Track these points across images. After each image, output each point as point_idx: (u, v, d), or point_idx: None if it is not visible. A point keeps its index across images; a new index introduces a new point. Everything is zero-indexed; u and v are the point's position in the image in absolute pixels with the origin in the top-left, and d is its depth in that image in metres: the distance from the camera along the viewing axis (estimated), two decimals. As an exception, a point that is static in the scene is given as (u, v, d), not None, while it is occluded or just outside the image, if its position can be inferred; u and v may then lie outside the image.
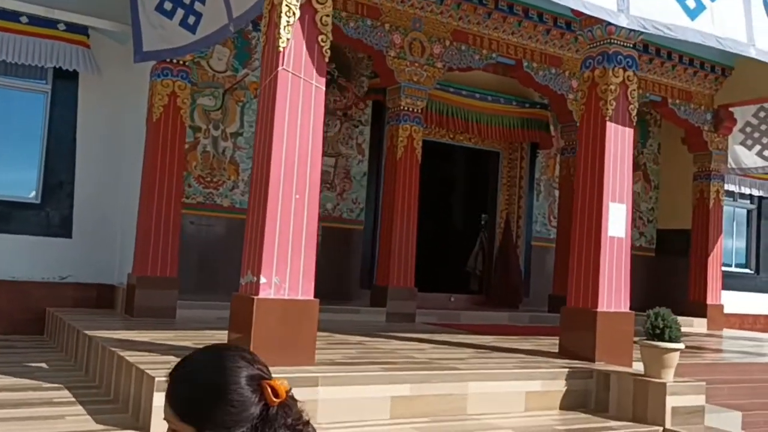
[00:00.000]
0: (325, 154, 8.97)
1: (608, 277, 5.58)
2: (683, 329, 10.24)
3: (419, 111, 8.50)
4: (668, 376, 4.71)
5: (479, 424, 4.30)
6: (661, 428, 4.56)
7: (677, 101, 10.61)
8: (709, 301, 10.86)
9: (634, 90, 5.77)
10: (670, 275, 11.77)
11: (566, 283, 5.93)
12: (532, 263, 10.61)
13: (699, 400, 4.74)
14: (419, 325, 7.98)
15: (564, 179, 9.95)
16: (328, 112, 9.08)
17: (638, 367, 5.07)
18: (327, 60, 4.48)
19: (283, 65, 4.31)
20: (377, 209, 9.08)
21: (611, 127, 5.65)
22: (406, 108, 8.40)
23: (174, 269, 6.90)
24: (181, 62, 7.04)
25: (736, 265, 13.21)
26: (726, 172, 11.67)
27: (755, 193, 12.94)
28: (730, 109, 11.01)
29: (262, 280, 4.20)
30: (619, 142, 5.70)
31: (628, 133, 5.76)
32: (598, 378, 5.05)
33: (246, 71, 8.48)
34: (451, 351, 5.69)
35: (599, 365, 5.28)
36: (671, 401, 4.58)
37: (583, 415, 4.78)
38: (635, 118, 5.79)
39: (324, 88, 4.46)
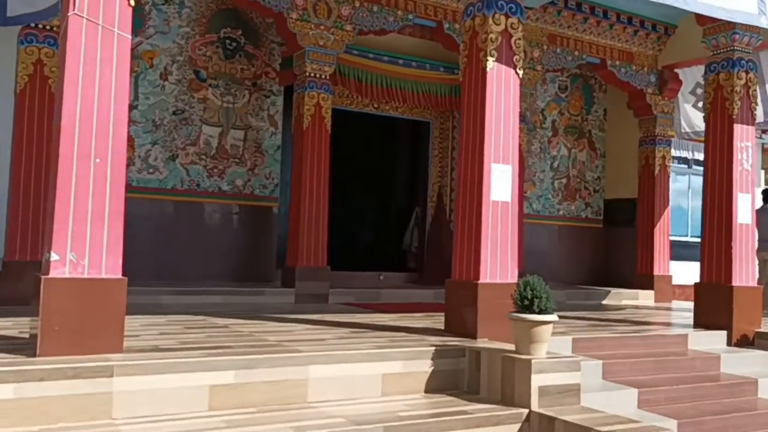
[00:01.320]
0: (232, 126, 8.50)
1: (492, 246, 5.05)
2: (627, 302, 9.97)
3: (327, 77, 7.93)
4: (539, 352, 4.21)
5: (314, 413, 3.79)
6: (527, 410, 4.06)
7: (617, 63, 10.04)
8: (656, 272, 10.39)
9: (519, 39, 5.21)
10: (619, 247, 11.27)
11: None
12: (468, 238, 10.07)
13: (574, 377, 4.23)
14: (328, 305, 7.46)
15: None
16: (235, 82, 8.53)
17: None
18: (133, 5, 3.91)
19: (75, 9, 3.75)
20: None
21: (492, 81, 5.10)
22: (312, 74, 7.84)
23: (46, 253, 6.36)
24: (48, 27, 6.45)
25: (692, 235, 12.73)
26: (680, 137, 11.16)
27: (711, 159, 12.38)
28: (676, 70, 10.46)
29: (54, 257, 3.67)
30: (503, 98, 5.16)
31: (514, 87, 5.21)
32: (470, 356, 4.54)
33: (139, 39, 7.88)
34: (323, 332, 5.17)
35: (478, 342, 4.78)
36: (538, 380, 4.08)
37: (446, 398, 4.28)
38: (521, 70, 5.24)
39: (130, 37, 3.90)
